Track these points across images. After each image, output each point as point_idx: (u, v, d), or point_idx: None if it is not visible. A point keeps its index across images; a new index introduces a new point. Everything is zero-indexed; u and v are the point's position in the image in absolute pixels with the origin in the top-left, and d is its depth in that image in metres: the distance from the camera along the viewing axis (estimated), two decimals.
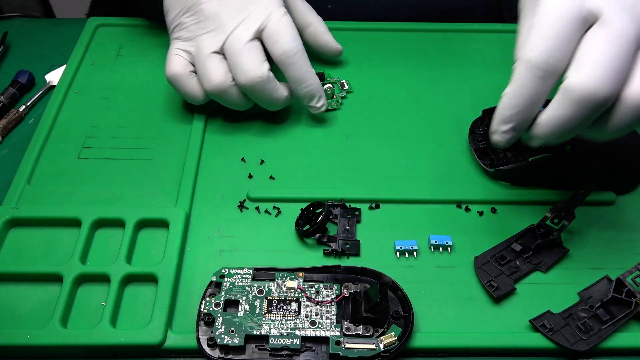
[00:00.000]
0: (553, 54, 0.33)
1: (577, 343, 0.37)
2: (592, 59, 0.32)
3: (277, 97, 0.48)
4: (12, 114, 0.52)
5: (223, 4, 0.47)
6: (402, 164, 0.49)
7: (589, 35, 0.33)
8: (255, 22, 0.46)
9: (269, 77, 0.46)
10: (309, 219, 0.44)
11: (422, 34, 0.60)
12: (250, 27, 0.46)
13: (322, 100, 0.50)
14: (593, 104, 0.32)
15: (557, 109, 0.33)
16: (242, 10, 0.46)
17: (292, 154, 0.49)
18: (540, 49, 0.33)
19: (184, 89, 0.48)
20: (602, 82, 0.31)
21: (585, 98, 0.32)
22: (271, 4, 0.47)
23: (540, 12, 0.34)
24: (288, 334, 0.37)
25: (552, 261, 0.42)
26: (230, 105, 0.48)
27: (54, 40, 0.61)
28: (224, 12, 0.46)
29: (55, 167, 0.48)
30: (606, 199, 0.46)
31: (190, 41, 0.47)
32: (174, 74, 0.47)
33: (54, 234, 0.43)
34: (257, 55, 0.46)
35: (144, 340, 0.37)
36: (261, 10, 0.46)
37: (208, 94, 0.47)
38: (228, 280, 0.40)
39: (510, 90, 0.35)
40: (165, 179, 0.47)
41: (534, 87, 0.34)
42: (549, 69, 0.33)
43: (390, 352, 0.36)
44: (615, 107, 0.33)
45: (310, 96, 0.49)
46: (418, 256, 0.43)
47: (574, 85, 0.32)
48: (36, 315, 0.39)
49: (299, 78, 0.47)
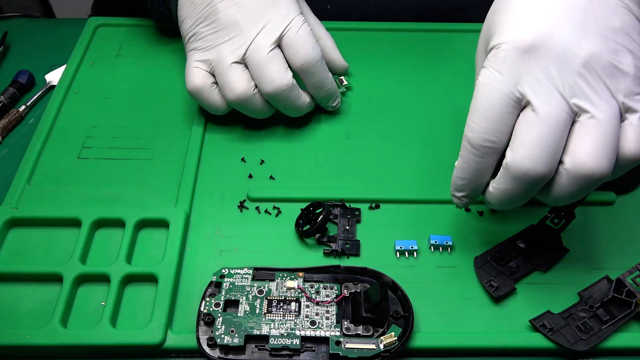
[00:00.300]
0: (488, 136, 0.35)
1: (577, 343, 0.37)
2: (525, 141, 0.34)
3: (301, 103, 0.48)
4: (12, 114, 0.52)
5: (240, 12, 0.46)
6: (402, 164, 0.49)
7: (521, 118, 0.34)
8: (276, 29, 0.46)
9: (293, 85, 0.46)
10: (309, 219, 0.44)
11: (422, 33, 0.60)
12: (271, 35, 0.46)
13: (338, 99, 0.51)
14: (530, 181, 0.34)
15: (501, 183, 0.36)
16: (261, 17, 0.46)
17: (292, 154, 0.49)
18: (478, 130, 0.35)
19: (206, 101, 0.48)
20: (536, 162, 0.33)
21: (521, 177, 0.34)
22: (290, 10, 0.46)
23: (476, 94, 0.35)
24: (288, 334, 0.37)
25: (552, 261, 0.42)
26: (252, 113, 0.48)
27: (54, 40, 0.61)
28: (243, 19, 0.46)
29: (55, 167, 0.48)
30: (606, 199, 0.46)
31: (209, 51, 0.47)
32: (196, 88, 0.47)
33: (54, 234, 0.43)
34: (281, 64, 0.46)
35: (144, 340, 0.37)
36: (281, 17, 0.46)
37: (230, 103, 0.47)
38: (228, 280, 0.40)
39: (458, 164, 0.37)
40: (165, 179, 0.47)
41: (477, 163, 0.36)
42: (487, 149, 0.35)
43: (390, 352, 0.36)
44: (554, 180, 0.35)
45: (329, 97, 0.50)
46: (418, 256, 0.43)
47: (511, 164, 0.34)
48: (36, 315, 0.39)
49: (319, 84, 0.48)
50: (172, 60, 0.57)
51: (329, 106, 0.51)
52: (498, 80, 0.34)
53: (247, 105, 0.47)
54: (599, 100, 0.33)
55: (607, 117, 0.33)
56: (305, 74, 0.47)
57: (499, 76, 0.34)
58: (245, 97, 0.46)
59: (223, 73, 0.46)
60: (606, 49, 0.34)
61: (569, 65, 0.34)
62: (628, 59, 0.34)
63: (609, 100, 0.34)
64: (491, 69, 0.35)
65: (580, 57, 0.34)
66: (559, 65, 0.34)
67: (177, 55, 0.58)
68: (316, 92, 0.49)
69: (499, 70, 0.34)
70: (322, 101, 0.50)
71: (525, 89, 0.34)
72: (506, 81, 0.34)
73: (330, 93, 0.50)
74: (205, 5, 0.47)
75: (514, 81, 0.34)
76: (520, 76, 0.34)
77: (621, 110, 0.34)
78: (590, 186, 0.34)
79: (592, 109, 0.33)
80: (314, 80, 0.48)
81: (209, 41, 0.47)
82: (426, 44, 0.59)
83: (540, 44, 0.34)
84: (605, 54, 0.34)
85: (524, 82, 0.34)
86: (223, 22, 0.46)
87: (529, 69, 0.34)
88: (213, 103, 0.48)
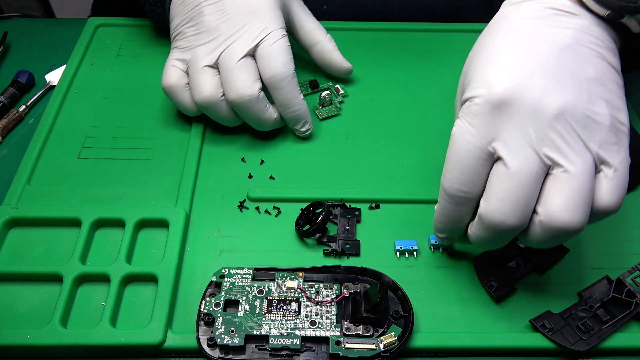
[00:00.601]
0: (462, 187, 0.35)
1: (577, 343, 0.37)
2: (497, 193, 0.34)
3: (266, 117, 0.48)
4: (12, 114, 0.52)
5: (224, 18, 0.46)
6: (402, 164, 0.49)
7: (494, 171, 0.34)
8: (252, 39, 0.46)
9: (258, 97, 0.46)
10: (309, 219, 0.44)
11: (421, 33, 0.60)
12: (246, 44, 0.45)
13: (307, 125, 0.49)
14: (503, 231, 0.34)
15: (476, 230, 0.36)
16: (242, 26, 0.46)
17: (292, 154, 0.49)
18: (451, 180, 0.35)
19: (177, 100, 0.48)
20: (507, 216, 0.34)
21: (495, 227, 0.34)
22: (272, 23, 0.46)
23: (450, 145, 0.36)
24: (288, 334, 0.37)
25: (552, 261, 0.42)
26: (219, 120, 0.48)
27: (54, 40, 0.61)
28: (224, 26, 0.46)
29: (55, 167, 0.48)
30: None
31: (188, 52, 0.47)
32: (169, 86, 0.47)
33: (54, 234, 0.43)
34: (250, 74, 0.45)
35: (144, 340, 0.37)
36: (260, 29, 0.46)
37: (198, 106, 0.47)
38: (228, 280, 0.40)
39: (436, 208, 0.38)
40: (165, 179, 0.47)
41: (453, 210, 0.37)
42: (461, 199, 0.36)
43: (390, 352, 0.36)
44: (529, 229, 0.35)
45: (296, 120, 0.49)
46: (418, 256, 0.43)
47: (484, 215, 0.35)
48: (36, 315, 0.39)
49: (286, 102, 0.47)
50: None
51: (297, 130, 0.49)
52: (471, 134, 0.34)
53: (213, 110, 0.47)
54: (572, 154, 0.33)
55: (580, 170, 0.33)
56: (272, 89, 0.47)
57: (472, 129, 0.34)
58: (211, 102, 0.46)
59: (194, 74, 0.46)
60: (580, 100, 0.34)
61: (541, 119, 0.33)
62: (603, 108, 0.34)
63: (582, 153, 0.33)
64: (464, 121, 0.35)
65: (552, 109, 0.33)
66: (531, 120, 0.33)
67: None
68: (283, 111, 0.48)
69: (472, 123, 0.35)
70: (289, 122, 0.49)
71: (497, 143, 0.34)
72: (478, 135, 0.34)
73: (297, 116, 0.48)
74: (193, 7, 0.47)
75: (486, 135, 0.34)
76: (492, 130, 0.34)
77: (596, 161, 0.34)
78: (564, 238, 0.34)
79: (565, 163, 0.33)
80: (281, 97, 0.47)
81: (189, 42, 0.47)
82: (426, 43, 0.59)
83: (512, 99, 0.34)
84: (579, 105, 0.34)
85: (496, 137, 0.34)
86: (205, 25, 0.46)
87: (501, 123, 0.34)
88: (184, 103, 0.48)
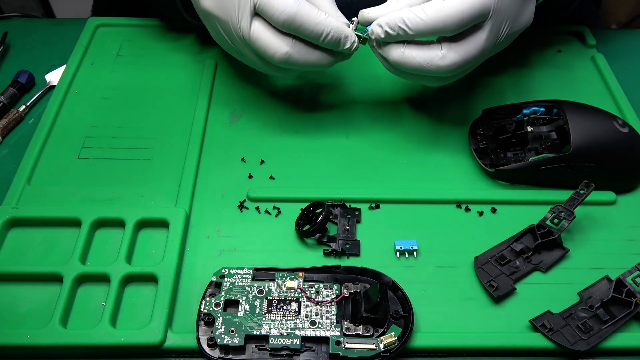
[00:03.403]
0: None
1: (577, 343, 0.37)
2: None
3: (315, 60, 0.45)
4: (12, 114, 0.52)
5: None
6: (402, 164, 0.49)
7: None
8: (246, 5, 0.43)
9: (292, 51, 0.43)
10: (309, 219, 0.44)
11: None
12: (245, 13, 0.43)
13: (349, 40, 0.45)
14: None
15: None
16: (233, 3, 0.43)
17: (292, 154, 0.49)
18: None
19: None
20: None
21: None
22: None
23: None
24: (288, 334, 0.37)
25: (552, 261, 0.42)
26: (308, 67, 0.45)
27: (54, 40, 0.61)
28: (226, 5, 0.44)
29: (55, 167, 0.48)
30: (606, 199, 0.46)
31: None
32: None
33: (54, 234, 0.43)
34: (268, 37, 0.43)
35: (144, 340, 0.37)
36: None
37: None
38: (228, 280, 0.40)
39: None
40: (165, 179, 0.47)
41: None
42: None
43: (390, 352, 0.36)
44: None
45: (335, 44, 0.44)
46: (418, 256, 0.43)
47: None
48: (36, 315, 0.39)
49: (314, 35, 0.43)
50: (172, 60, 0.57)
51: (344, 51, 0.45)
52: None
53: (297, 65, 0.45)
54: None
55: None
56: (294, 32, 0.43)
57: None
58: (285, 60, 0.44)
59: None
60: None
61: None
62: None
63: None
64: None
65: None
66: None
67: (177, 55, 0.58)
68: (319, 43, 0.44)
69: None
70: (334, 48, 0.45)
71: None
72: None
73: (333, 38, 0.44)
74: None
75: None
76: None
77: None
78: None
79: None
80: (306, 34, 0.43)
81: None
82: None
83: None
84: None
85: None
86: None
87: None
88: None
